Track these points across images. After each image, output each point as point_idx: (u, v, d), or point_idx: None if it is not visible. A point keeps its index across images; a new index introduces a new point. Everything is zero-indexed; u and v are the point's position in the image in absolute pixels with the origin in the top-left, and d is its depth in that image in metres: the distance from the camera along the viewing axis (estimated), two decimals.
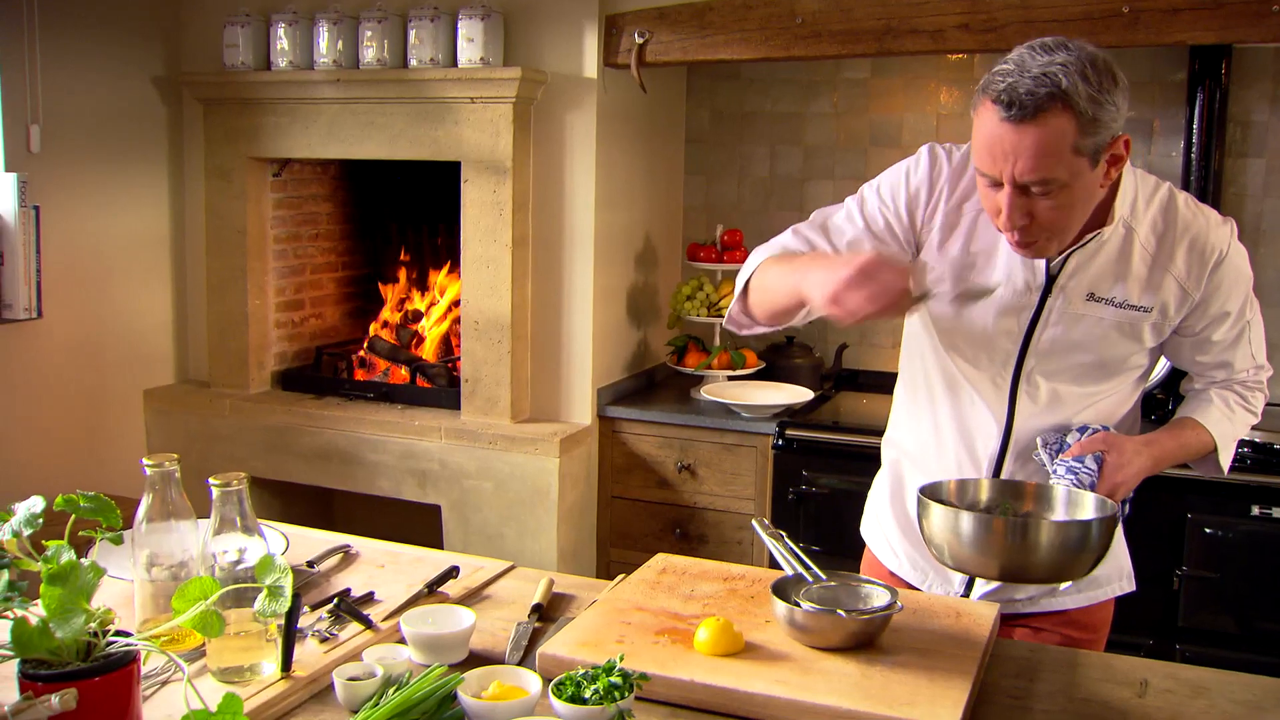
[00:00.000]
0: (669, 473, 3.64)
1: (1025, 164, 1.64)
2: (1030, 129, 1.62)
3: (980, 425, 1.96)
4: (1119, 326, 1.88)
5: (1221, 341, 1.93)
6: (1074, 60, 1.62)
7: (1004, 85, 1.63)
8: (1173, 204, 1.88)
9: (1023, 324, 1.89)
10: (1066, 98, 1.61)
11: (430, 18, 3.60)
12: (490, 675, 1.56)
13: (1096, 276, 1.86)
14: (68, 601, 1.33)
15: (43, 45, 3.59)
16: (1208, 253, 1.85)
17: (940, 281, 1.87)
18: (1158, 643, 3.06)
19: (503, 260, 3.61)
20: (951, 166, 1.92)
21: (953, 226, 1.91)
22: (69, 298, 3.75)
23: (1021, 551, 1.60)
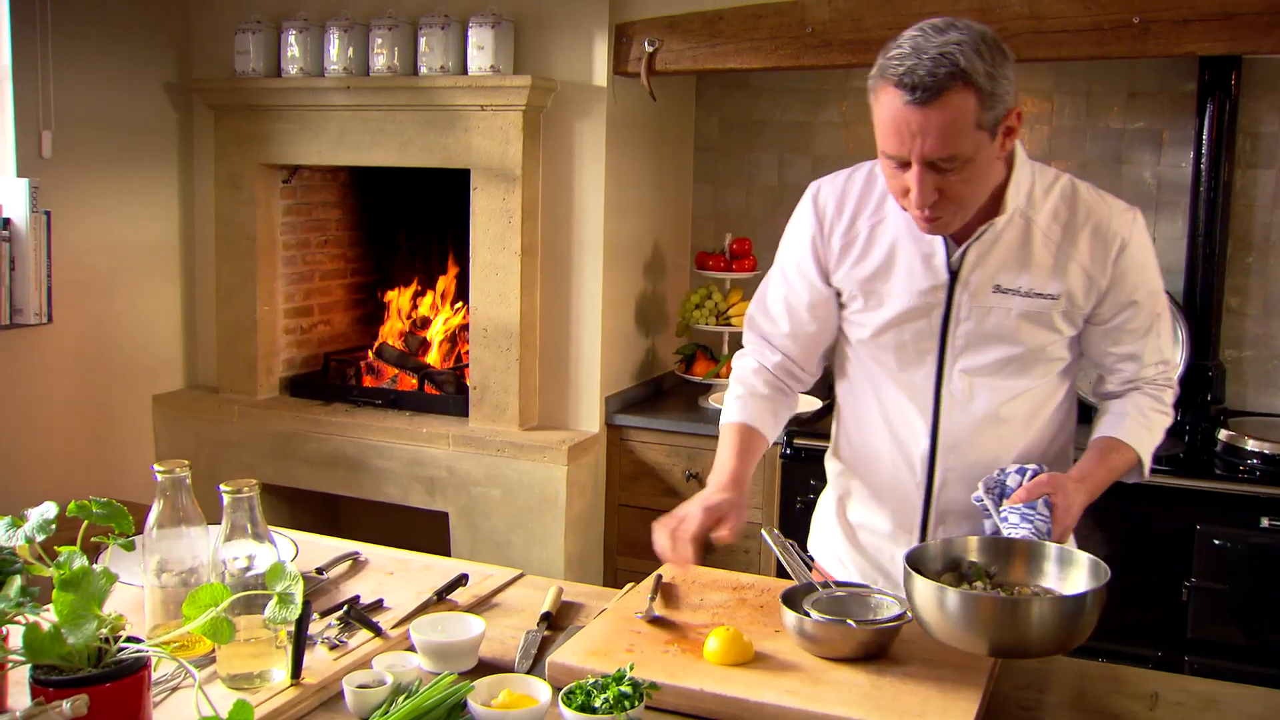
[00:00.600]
0: (677, 481, 3.64)
1: (933, 143, 1.67)
2: (934, 109, 1.65)
3: (909, 426, 1.99)
4: (1029, 316, 1.89)
5: (1133, 331, 1.94)
6: (967, 39, 1.66)
7: (904, 69, 1.66)
8: (1074, 192, 1.90)
9: (934, 323, 1.92)
10: (966, 76, 1.64)
11: (441, 25, 3.61)
12: (500, 684, 1.56)
13: (999, 267, 1.88)
14: (80, 607, 1.34)
15: (55, 51, 3.60)
16: (1110, 238, 1.88)
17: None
18: (1166, 654, 3.06)
19: (511, 268, 3.61)
20: (834, 196, 1.99)
21: (849, 247, 1.97)
22: (79, 303, 3.76)
23: (1015, 629, 1.55)
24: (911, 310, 1.92)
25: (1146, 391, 2.01)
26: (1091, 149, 3.74)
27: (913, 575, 1.61)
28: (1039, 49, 3.14)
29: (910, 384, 1.97)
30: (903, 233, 1.92)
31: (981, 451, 1.97)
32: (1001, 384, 1.94)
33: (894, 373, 1.99)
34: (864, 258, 1.95)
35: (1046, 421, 2.01)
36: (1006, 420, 1.96)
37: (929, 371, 1.95)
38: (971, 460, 1.96)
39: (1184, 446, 3.35)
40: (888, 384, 2.00)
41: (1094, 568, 1.68)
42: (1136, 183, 3.70)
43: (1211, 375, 3.50)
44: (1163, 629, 3.08)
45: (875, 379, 2.02)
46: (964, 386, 1.94)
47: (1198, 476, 3.08)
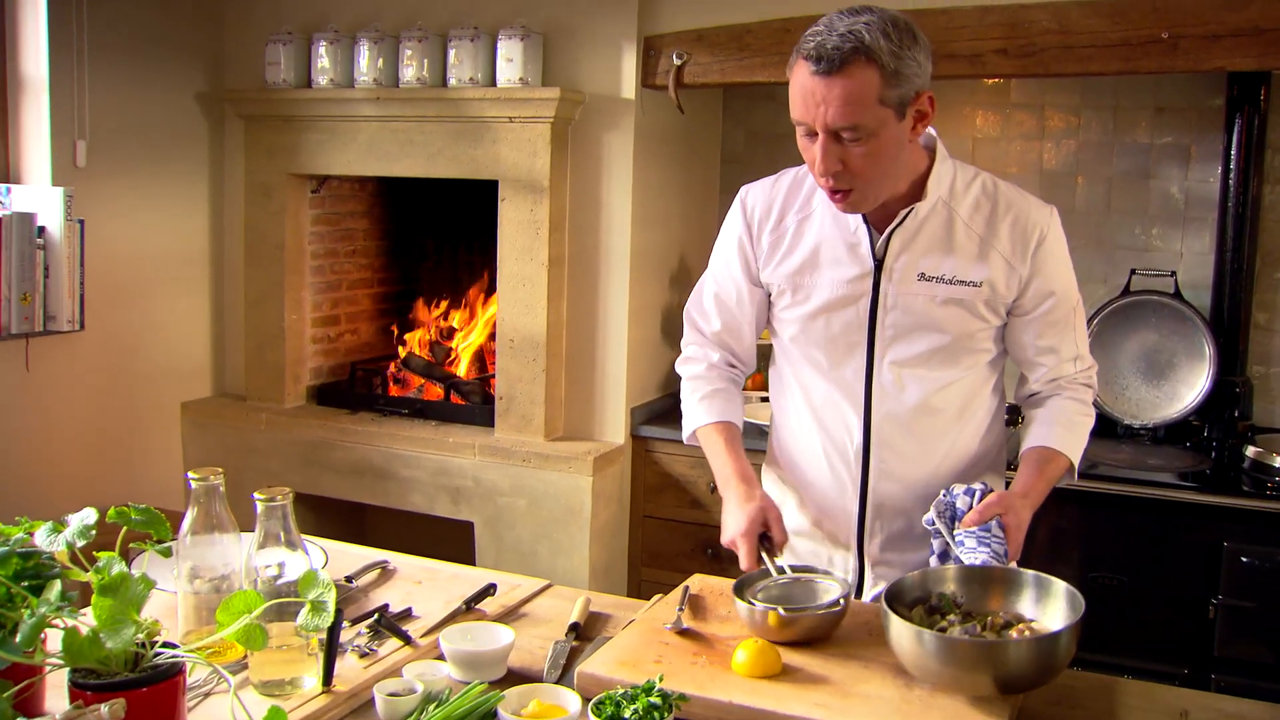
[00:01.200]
0: (701, 493, 3.64)
1: (834, 111, 1.76)
2: (837, 80, 1.75)
3: (841, 421, 2.05)
4: (954, 303, 1.95)
5: (1053, 323, 2.00)
6: (876, 20, 1.76)
7: (813, 44, 1.76)
8: (994, 187, 1.99)
9: (862, 312, 1.99)
10: (869, 52, 1.74)
11: (470, 37, 3.64)
12: (530, 693, 1.57)
13: (923, 256, 1.95)
14: (118, 612, 1.35)
15: (91, 63, 3.65)
16: (1030, 230, 1.95)
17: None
18: (1193, 672, 3.04)
19: (538, 279, 3.63)
20: (762, 197, 2.08)
21: (778, 243, 2.05)
22: (111, 310, 3.80)
23: (995, 668, 1.54)
24: (838, 299, 1.99)
25: (1068, 394, 2.07)
26: (1118, 164, 3.73)
27: (889, 616, 1.62)
28: (1067, 64, 3.14)
29: (841, 379, 2.03)
30: (829, 226, 2.00)
31: (914, 443, 2.02)
32: (930, 374, 2.00)
33: (825, 369, 2.05)
34: (791, 251, 2.03)
35: (976, 414, 2.07)
36: (938, 411, 2.02)
37: (859, 365, 2.01)
38: (904, 453, 2.03)
39: (1211, 463, 3.34)
40: (818, 381, 2.06)
41: (1071, 598, 1.68)
42: (1163, 198, 3.69)
43: (1239, 391, 3.49)
44: (1189, 647, 3.07)
45: (805, 378, 2.09)
46: (894, 378, 2.00)
47: (1225, 493, 3.07)
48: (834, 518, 2.10)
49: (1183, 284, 3.61)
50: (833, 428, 2.06)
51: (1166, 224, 3.70)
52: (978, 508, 1.87)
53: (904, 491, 2.03)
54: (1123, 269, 3.67)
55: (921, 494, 2.02)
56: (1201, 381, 3.49)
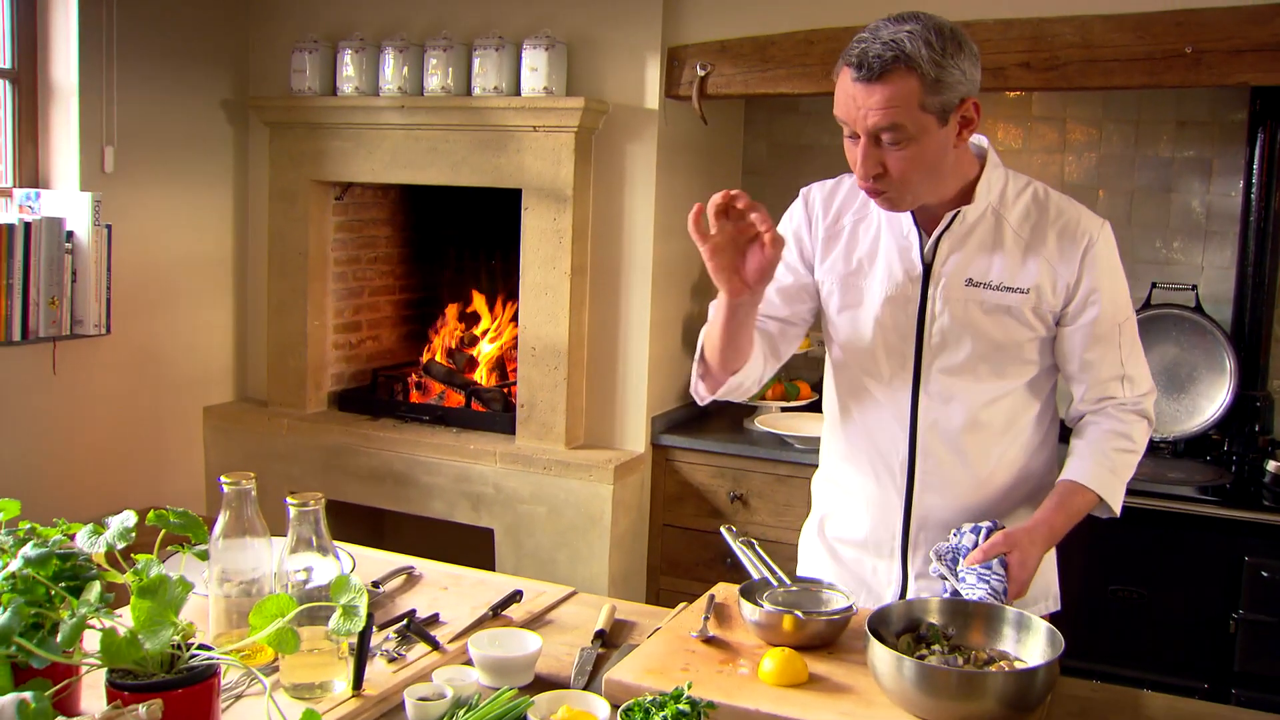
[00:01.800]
0: (721, 502, 3.65)
1: (874, 116, 1.80)
2: (877, 87, 1.78)
3: (887, 433, 2.04)
4: (1001, 310, 1.95)
5: (1098, 337, 1.97)
6: (920, 29, 1.79)
7: (856, 50, 1.80)
8: (1046, 195, 2.00)
9: (910, 317, 1.99)
10: (910, 60, 1.77)
11: (495, 47, 3.66)
12: (559, 699, 1.59)
13: (971, 261, 1.96)
14: (156, 614, 1.37)
15: (119, 70, 3.69)
16: (1079, 236, 1.96)
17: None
18: (1213, 687, 3.04)
19: (561, 288, 3.65)
20: (822, 194, 2.11)
21: (833, 241, 2.07)
22: (136, 315, 3.83)
23: (970, 699, 1.55)
24: (889, 301, 1.99)
25: (1112, 422, 2.01)
26: (1140, 177, 3.74)
27: (871, 641, 1.63)
28: (1091, 77, 3.15)
29: (889, 389, 2.03)
30: (883, 230, 2.02)
31: (959, 457, 2.01)
32: (978, 386, 1.99)
33: (874, 380, 2.04)
34: (848, 251, 2.05)
35: (1025, 430, 2.04)
36: (984, 424, 2.00)
37: (907, 375, 2.01)
38: (949, 466, 2.01)
39: (1231, 477, 3.33)
40: (867, 393, 2.06)
41: (1051, 637, 1.68)
42: (1185, 212, 3.69)
43: (1260, 405, 3.48)
44: (1209, 662, 3.06)
45: (856, 389, 2.08)
46: (941, 388, 1.99)
47: (1246, 507, 3.07)
48: (879, 529, 2.09)
49: (1204, 298, 3.61)
50: (879, 439, 2.05)
51: (1188, 238, 3.71)
52: (982, 546, 1.86)
53: (948, 505, 2.01)
54: (1144, 282, 3.67)
55: (967, 507, 2.01)
56: (1222, 395, 3.49)
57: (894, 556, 2.08)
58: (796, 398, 3.84)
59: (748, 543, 2.05)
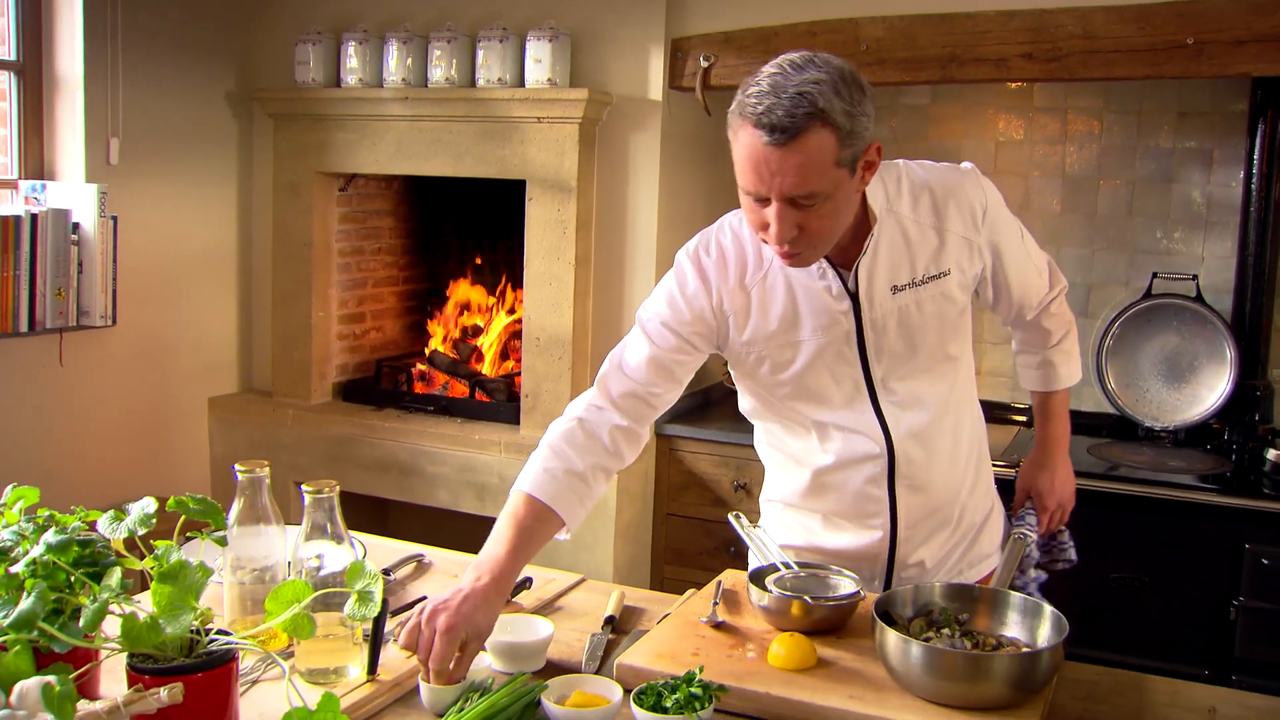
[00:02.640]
0: (725, 491, 3.68)
1: (791, 180, 1.66)
2: (793, 149, 1.64)
3: (863, 453, 1.98)
4: (933, 300, 1.92)
5: (1020, 266, 2.01)
6: (826, 77, 1.65)
7: (762, 108, 1.64)
8: (920, 174, 1.92)
9: (851, 345, 1.93)
10: (825, 115, 1.64)
11: (499, 38, 3.67)
12: (572, 684, 1.61)
13: (889, 270, 1.89)
14: (177, 599, 1.39)
15: (124, 62, 3.70)
16: (976, 207, 1.91)
17: None
18: (1214, 673, 3.06)
19: (565, 278, 3.66)
20: (714, 264, 1.95)
21: (746, 309, 1.94)
22: (142, 306, 3.85)
23: (977, 682, 1.57)
24: (827, 345, 1.92)
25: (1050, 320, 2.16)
26: (1141, 168, 3.75)
27: (879, 625, 1.65)
28: (1092, 69, 3.17)
29: (848, 413, 1.97)
30: (792, 280, 1.91)
31: (931, 449, 2.00)
32: (932, 376, 1.98)
33: (831, 408, 1.98)
34: (766, 313, 1.93)
35: (972, 397, 2.10)
36: (947, 410, 2.01)
37: (863, 393, 1.96)
38: (926, 461, 2.00)
39: (1232, 466, 3.36)
40: (826, 422, 1.99)
41: (1056, 621, 1.71)
42: (1185, 202, 3.71)
43: (1260, 395, 3.51)
44: (1210, 648, 3.09)
45: (809, 423, 2.01)
46: (900, 392, 1.96)
47: (1246, 495, 3.09)
48: (861, 542, 2.06)
49: (1204, 287, 3.63)
50: (854, 456, 1.99)
51: (1188, 228, 3.72)
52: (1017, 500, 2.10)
53: (928, 503, 2.02)
54: (1144, 272, 3.69)
55: (943, 500, 2.04)
56: (1223, 384, 3.51)
57: (880, 564, 2.07)
58: None
59: (756, 529, 2.07)
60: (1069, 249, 3.83)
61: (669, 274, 2.01)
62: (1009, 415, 3.85)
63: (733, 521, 2.13)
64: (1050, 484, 2.23)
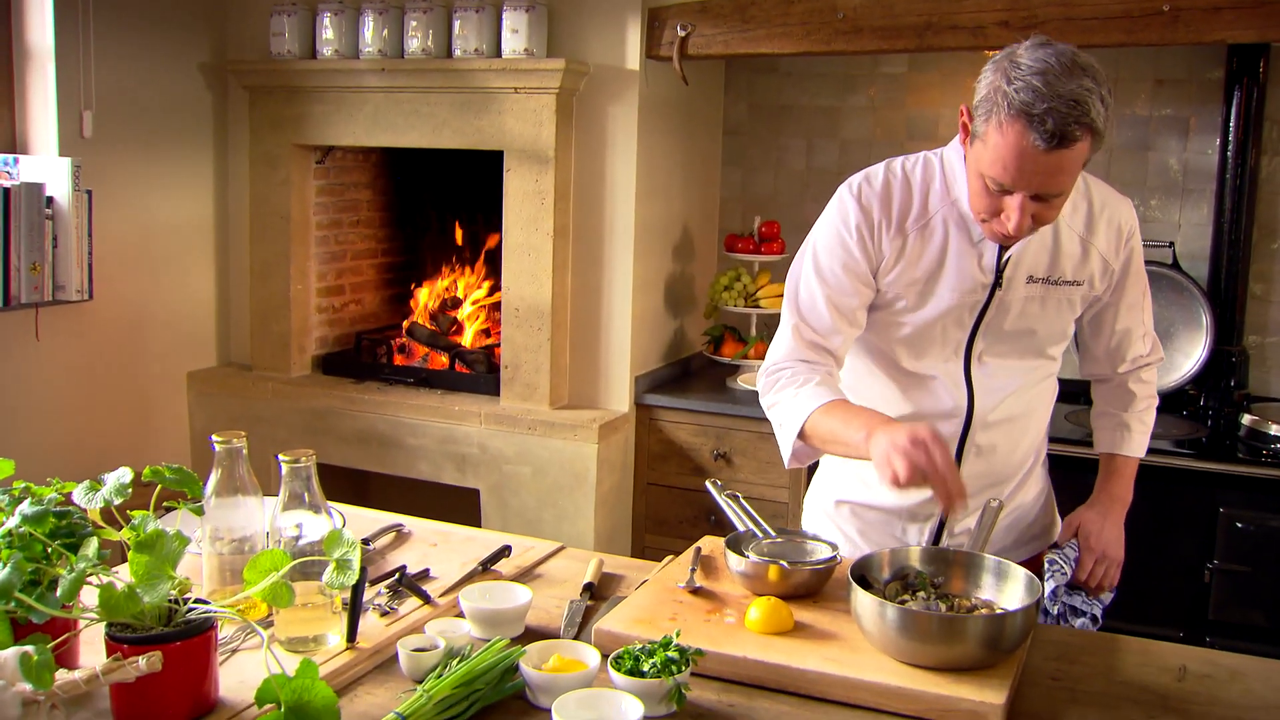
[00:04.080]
0: (705, 460, 3.69)
1: (1050, 182, 1.75)
2: (1060, 155, 1.71)
3: (945, 409, 2.04)
4: (1057, 302, 2.01)
5: (1132, 305, 2.10)
6: (1094, 86, 1.69)
7: (1038, 112, 1.67)
8: (1085, 185, 2.01)
9: (973, 312, 2.00)
10: (1093, 125, 1.70)
11: (475, 8, 3.65)
12: (550, 649, 1.62)
13: (1034, 261, 1.98)
14: (154, 568, 1.40)
15: (96, 33, 3.66)
16: (1124, 228, 2.03)
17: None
18: (1188, 635, 3.10)
19: (544, 249, 3.66)
20: (879, 200, 1.99)
21: (900, 251, 1.99)
22: (118, 280, 3.83)
23: (951, 643, 1.59)
24: (956, 307, 1.99)
25: (1140, 381, 2.19)
26: (1118, 135, 3.76)
27: (855, 588, 1.67)
28: (1069, 36, 3.16)
29: (940, 371, 2.03)
30: (952, 235, 1.97)
31: (1005, 427, 2.06)
32: (1022, 364, 2.05)
33: (921, 362, 2.04)
34: (916, 261, 1.98)
35: (1047, 397, 2.14)
36: (1028, 399, 2.07)
37: (959, 357, 2.02)
38: (996, 437, 2.06)
39: (1207, 431, 3.39)
40: (916, 374, 2.05)
41: (1029, 583, 1.73)
42: (1162, 169, 3.73)
43: (1235, 361, 3.54)
44: (1185, 610, 3.13)
45: (900, 372, 2.06)
46: (990, 366, 2.03)
47: (1221, 460, 3.12)
48: (918, 498, 2.08)
49: (1181, 255, 3.65)
50: (931, 412, 2.03)
51: (1165, 195, 3.74)
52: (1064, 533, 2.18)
53: (990, 472, 2.07)
54: None
55: (1003, 474, 2.09)
56: (1199, 351, 3.54)
57: (930, 519, 2.10)
58: None
59: (732, 496, 2.09)
60: None
61: (830, 211, 2.04)
62: None
63: (711, 489, 2.15)
64: (1100, 527, 2.16)
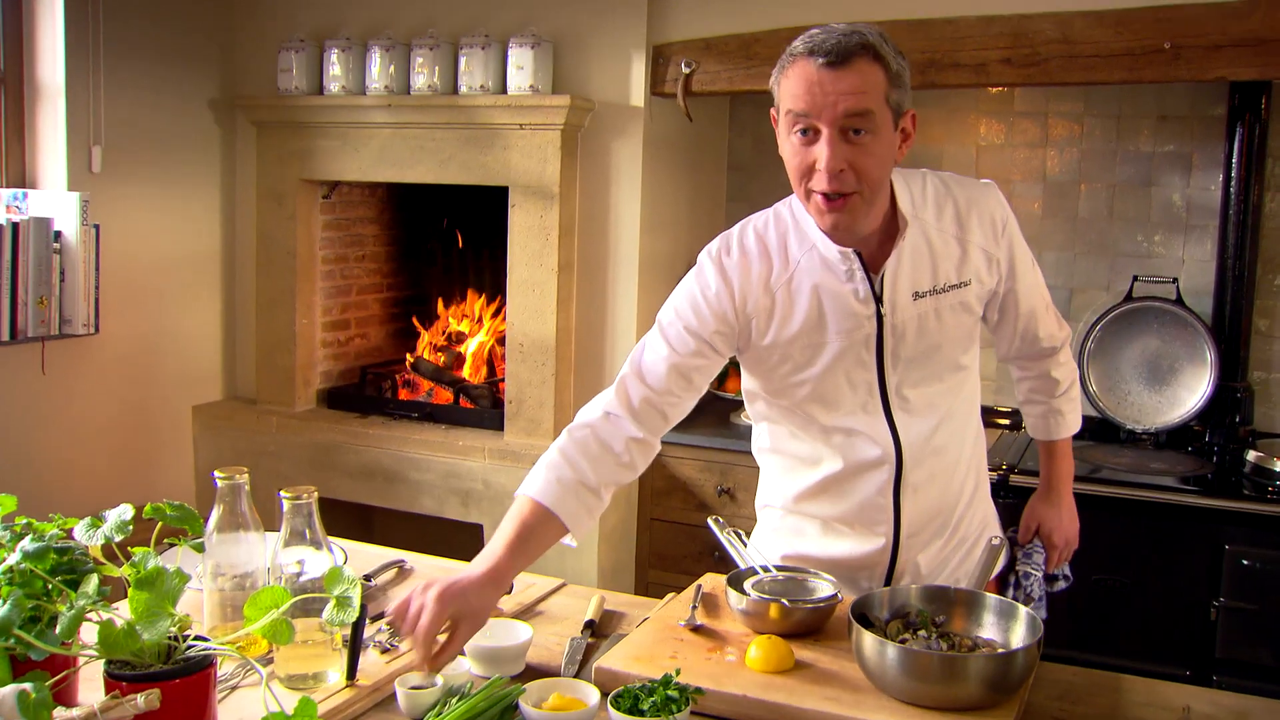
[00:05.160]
0: (709, 496, 3.68)
1: (846, 101, 1.72)
2: (847, 71, 1.72)
3: (872, 459, 1.98)
4: (952, 309, 1.95)
5: (1031, 292, 2.06)
6: (872, 29, 1.77)
7: (815, 41, 1.75)
8: (943, 184, 1.97)
9: (870, 349, 1.94)
10: (875, 50, 1.74)
11: (481, 45, 3.68)
12: (550, 687, 1.61)
13: (913, 276, 1.91)
14: (154, 605, 1.40)
15: (106, 69, 3.70)
16: (996, 217, 1.97)
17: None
18: (1195, 674, 3.08)
19: (548, 284, 3.67)
20: (736, 260, 1.95)
21: (769, 311, 1.94)
22: (125, 314, 3.84)
23: (953, 683, 1.59)
24: (849, 347, 1.93)
25: (1060, 366, 2.20)
26: (1121, 171, 3.77)
27: (855, 626, 1.66)
28: (1071, 73, 3.19)
29: (860, 416, 1.97)
30: (820, 275, 1.91)
31: (938, 458, 2.02)
32: (943, 386, 2.00)
33: (837, 414, 1.98)
34: (789, 316, 1.93)
35: (974, 414, 2.13)
36: (952, 419, 2.04)
37: (875, 399, 1.96)
38: (931, 469, 2.02)
39: (1213, 467, 3.37)
40: (835, 424, 1.99)
41: (1030, 622, 1.72)
42: (1165, 205, 3.73)
43: (1240, 397, 3.53)
44: (1191, 649, 3.10)
45: (818, 427, 2.01)
46: (912, 400, 1.97)
47: (1226, 497, 3.11)
48: (864, 549, 2.06)
49: (1184, 290, 3.65)
50: (861, 461, 1.99)
51: (1168, 231, 3.75)
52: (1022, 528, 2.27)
53: (932, 506, 2.04)
54: (1125, 275, 3.71)
55: (947, 502, 2.06)
56: (1203, 387, 3.53)
57: (879, 571, 2.08)
58: None
59: (735, 533, 2.09)
60: (1050, 252, 3.85)
61: (690, 275, 2.01)
62: (993, 419, 3.86)
63: (712, 525, 2.16)
64: (1059, 521, 2.28)
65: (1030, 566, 2.20)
